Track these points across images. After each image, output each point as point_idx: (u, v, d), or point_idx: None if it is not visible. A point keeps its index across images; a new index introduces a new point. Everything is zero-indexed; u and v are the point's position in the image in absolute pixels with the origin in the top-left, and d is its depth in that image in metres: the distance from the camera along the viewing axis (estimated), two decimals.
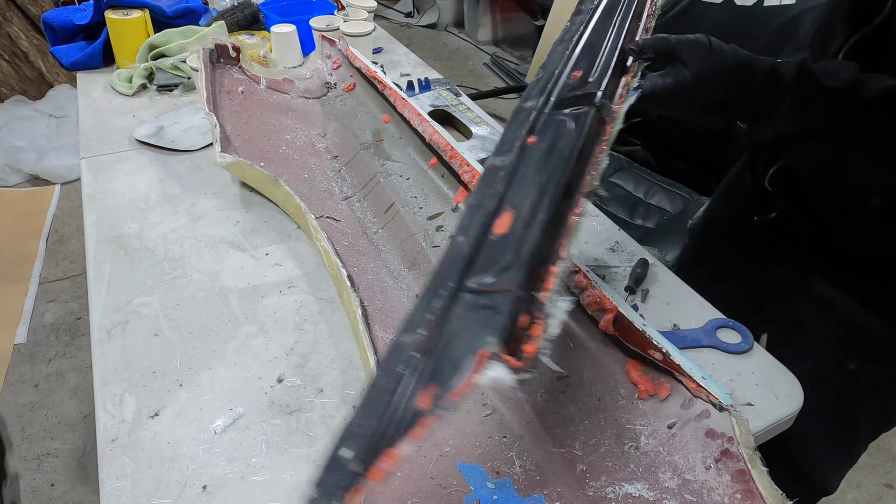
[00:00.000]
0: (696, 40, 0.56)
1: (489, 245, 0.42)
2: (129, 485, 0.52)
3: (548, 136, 0.49)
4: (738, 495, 0.46)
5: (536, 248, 0.40)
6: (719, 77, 0.55)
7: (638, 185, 1.43)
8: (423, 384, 0.35)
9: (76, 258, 1.99)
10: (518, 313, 0.36)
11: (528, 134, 0.50)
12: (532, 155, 0.48)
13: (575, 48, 0.57)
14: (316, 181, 0.88)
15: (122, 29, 1.21)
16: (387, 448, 0.33)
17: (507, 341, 0.35)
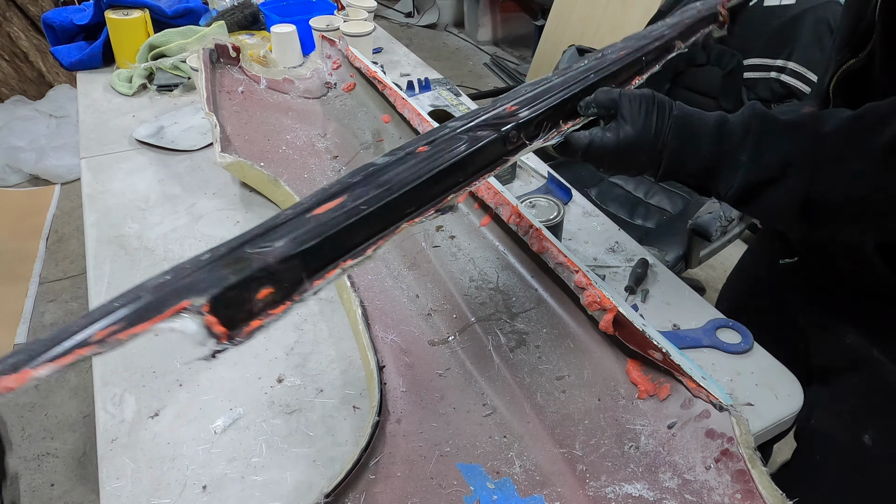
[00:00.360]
0: (639, 97, 0.54)
1: (299, 220, 0.40)
2: (129, 485, 0.52)
3: (438, 149, 0.48)
4: (738, 495, 0.46)
5: (336, 236, 0.39)
6: (655, 140, 0.53)
7: (638, 185, 1.43)
8: (120, 318, 0.32)
9: (76, 258, 1.99)
10: (255, 283, 0.35)
11: (423, 143, 0.49)
12: (409, 160, 0.47)
13: (532, 90, 0.56)
14: (316, 181, 0.88)
15: (122, 29, 1.21)
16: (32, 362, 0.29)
17: (225, 304, 0.33)
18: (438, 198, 0.47)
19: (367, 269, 0.74)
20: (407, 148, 0.48)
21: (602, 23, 2.55)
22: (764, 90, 1.25)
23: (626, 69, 0.62)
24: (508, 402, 0.57)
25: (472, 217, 0.71)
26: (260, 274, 0.35)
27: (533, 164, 0.98)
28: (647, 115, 0.53)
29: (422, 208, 0.46)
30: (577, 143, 0.54)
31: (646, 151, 0.53)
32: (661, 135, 0.53)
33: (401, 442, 0.54)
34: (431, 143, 0.49)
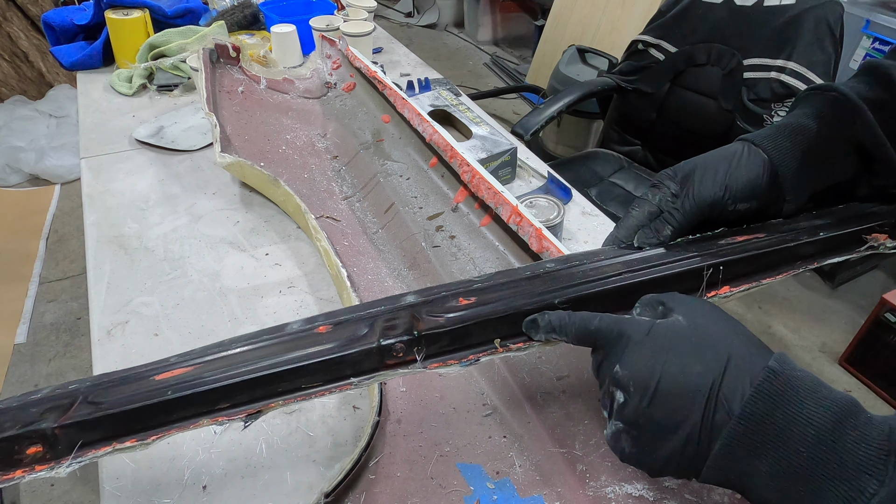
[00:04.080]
0: (620, 334, 0.37)
1: (139, 383, 0.42)
2: (129, 485, 0.52)
3: (335, 335, 0.43)
4: (738, 495, 0.46)
5: (133, 414, 0.40)
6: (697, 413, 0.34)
7: (638, 186, 1.44)
8: None
9: (76, 258, 1.99)
10: (27, 441, 0.39)
11: (327, 322, 0.44)
12: (298, 342, 0.43)
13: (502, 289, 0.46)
14: (316, 181, 0.88)
15: (122, 29, 1.21)
16: None
17: (2, 450, 0.39)
18: (265, 400, 0.42)
19: (367, 269, 0.74)
20: (312, 321, 0.44)
21: (602, 23, 2.55)
22: (764, 90, 1.25)
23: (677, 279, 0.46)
24: (508, 402, 0.57)
25: (472, 217, 0.71)
26: (33, 434, 0.38)
27: (533, 164, 0.98)
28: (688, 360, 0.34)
29: (239, 407, 0.41)
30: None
31: (677, 434, 0.34)
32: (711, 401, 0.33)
33: (401, 442, 0.54)
34: (337, 324, 0.44)
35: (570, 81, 2.19)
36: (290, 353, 0.42)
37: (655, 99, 1.46)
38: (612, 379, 0.36)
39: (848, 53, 1.81)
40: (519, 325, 0.44)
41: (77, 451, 0.39)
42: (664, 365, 0.34)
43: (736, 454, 0.33)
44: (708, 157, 0.50)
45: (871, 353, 1.59)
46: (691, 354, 0.35)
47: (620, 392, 0.35)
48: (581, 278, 0.45)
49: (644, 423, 0.35)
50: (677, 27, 1.41)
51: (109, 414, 0.39)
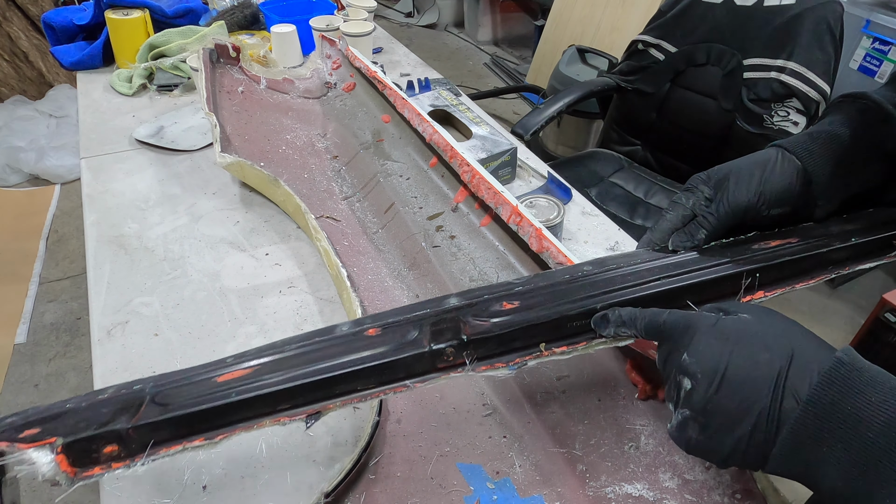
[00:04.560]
0: (687, 326, 0.38)
1: (201, 383, 0.44)
2: (129, 485, 0.52)
3: (385, 339, 0.45)
4: (737, 495, 0.46)
5: (201, 415, 0.42)
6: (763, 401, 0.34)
7: (638, 185, 1.44)
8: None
9: (76, 258, 1.99)
10: (103, 441, 0.41)
11: (375, 325, 0.46)
12: (350, 344, 0.44)
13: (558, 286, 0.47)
14: (316, 181, 0.88)
15: (122, 29, 1.21)
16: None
17: (75, 450, 0.41)
18: (324, 401, 0.43)
19: (367, 268, 0.74)
20: (362, 324, 0.46)
21: (602, 23, 2.55)
22: (764, 90, 1.25)
23: (717, 283, 0.47)
24: (508, 402, 0.57)
25: (472, 217, 0.71)
26: (109, 434, 0.41)
27: (533, 164, 0.98)
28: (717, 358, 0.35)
29: (299, 408, 0.43)
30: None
31: (743, 419, 0.34)
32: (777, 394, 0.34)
33: (401, 442, 0.54)
34: (385, 326, 0.45)
35: (570, 81, 2.19)
36: (344, 356, 0.43)
37: (655, 99, 1.46)
38: (679, 368, 0.37)
39: (848, 53, 1.81)
40: (563, 329, 0.45)
41: (150, 450, 0.41)
42: (731, 354, 0.35)
43: (804, 441, 0.32)
44: (742, 163, 0.50)
45: (871, 353, 1.59)
46: (758, 344, 0.35)
47: (688, 379, 0.36)
48: (620, 283, 0.46)
49: (712, 409, 0.35)
50: (677, 27, 1.41)
51: (177, 416, 0.41)
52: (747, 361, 0.35)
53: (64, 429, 0.41)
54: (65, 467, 0.41)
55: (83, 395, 0.44)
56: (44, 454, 0.40)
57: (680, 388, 0.37)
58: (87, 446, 0.41)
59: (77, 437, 0.40)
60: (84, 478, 0.41)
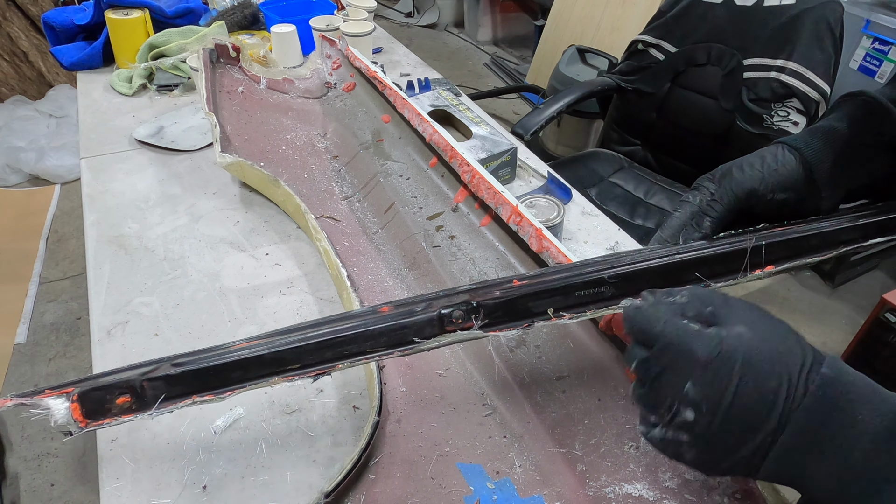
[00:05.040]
0: (687, 349, 0.35)
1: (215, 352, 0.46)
2: (129, 485, 0.52)
3: (399, 311, 0.46)
4: (737, 495, 0.46)
5: (209, 372, 0.44)
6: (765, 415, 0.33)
7: (638, 185, 1.44)
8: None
9: (76, 258, 1.99)
10: (118, 391, 0.44)
11: (388, 305, 0.47)
12: (359, 318, 0.45)
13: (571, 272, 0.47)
14: (316, 181, 0.88)
15: (122, 29, 1.21)
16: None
17: (90, 399, 0.44)
18: (333, 361, 0.45)
19: (367, 269, 0.74)
20: (375, 306, 0.47)
21: (602, 23, 2.55)
22: (764, 90, 1.25)
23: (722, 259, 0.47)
24: (508, 402, 0.57)
25: (472, 217, 0.71)
26: (122, 384, 0.44)
27: (533, 164, 0.98)
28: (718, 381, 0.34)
29: (305, 369, 0.45)
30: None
31: (741, 435, 0.34)
32: (777, 408, 0.33)
33: (401, 442, 0.54)
34: (398, 306, 0.47)
35: (570, 81, 2.19)
36: (355, 326, 0.45)
37: (655, 99, 1.46)
38: (681, 398, 0.35)
39: (848, 53, 1.81)
40: (570, 297, 0.45)
41: (160, 403, 0.44)
42: (739, 385, 0.34)
43: (793, 458, 0.33)
44: (744, 157, 0.52)
45: (871, 353, 1.59)
46: (764, 371, 0.34)
47: (691, 411, 0.34)
48: (628, 261, 0.47)
49: (713, 439, 0.34)
50: (677, 27, 1.41)
51: (191, 370, 0.44)
52: (755, 391, 0.34)
53: (87, 388, 0.44)
54: (77, 416, 0.43)
55: (111, 370, 0.47)
56: (60, 402, 0.43)
57: (678, 415, 0.35)
58: (102, 396, 0.43)
59: (92, 386, 0.43)
60: (94, 427, 0.44)
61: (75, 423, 0.43)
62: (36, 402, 0.43)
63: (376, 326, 0.44)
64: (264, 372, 0.44)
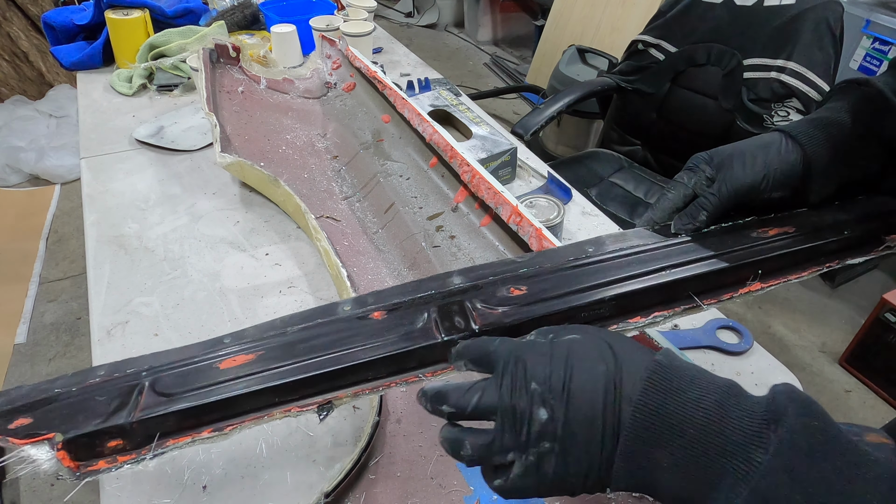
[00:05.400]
0: (519, 357, 0.36)
1: (204, 371, 0.43)
2: (129, 485, 0.52)
3: (394, 321, 0.44)
4: None
5: (210, 407, 0.41)
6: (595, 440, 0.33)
7: (638, 185, 1.44)
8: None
9: (76, 258, 1.99)
10: (107, 436, 0.39)
11: (379, 308, 0.45)
12: (356, 329, 0.43)
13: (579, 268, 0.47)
14: (316, 181, 0.88)
15: (122, 29, 1.21)
16: None
17: (77, 445, 0.39)
18: (334, 391, 0.43)
19: (367, 268, 0.74)
20: (364, 304, 0.45)
21: (602, 23, 2.55)
22: (764, 90, 1.25)
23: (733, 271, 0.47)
24: None
25: (472, 217, 0.71)
26: (112, 429, 0.39)
27: (533, 164, 0.98)
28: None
29: (308, 399, 0.42)
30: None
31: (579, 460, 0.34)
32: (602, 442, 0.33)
33: (401, 442, 0.54)
34: (391, 310, 0.45)
35: (570, 81, 2.19)
36: (354, 345, 0.43)
37: (655, 99, 1.46)
38: (530, 399, 0.34)
39: (848, 53, 1.81)
40: (573, 319, 0.44)
41: (157, 442, 0.40)
42: (573, 370, 0.34)
43: (638, 449, 0.33)
44: (745, 145, 0.50)
45: (871, 353, 1.59)
46: (591, 358, 0.35)
47: (543, 409, 0.34)
48: (627, 269, 0.46)
49: (570, 431, 0.34)
50: (677, 27, 1.41)
51: (183, 409, 0.40)
52: (587, 374, 0.34)
53: (60, 419, 0.39)
54: (67, 463, 0.39)
55: (71, 377, 0.42)
56: (43, 451, 0.39)
57: (533, 421, 0.34)
58: (90, 441, 0.39)
59: (78, 433, 0.39)
60: (89, 472, 0.40)
61: (67, 470, 0.40)
62: (15, 450, 0.38)
63: (379, 356, 0.42)
64: (262, 404, 0.42)
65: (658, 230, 0.51)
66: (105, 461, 0.40)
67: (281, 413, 0.41)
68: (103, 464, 0.40)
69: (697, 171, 0.50)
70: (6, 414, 0.39)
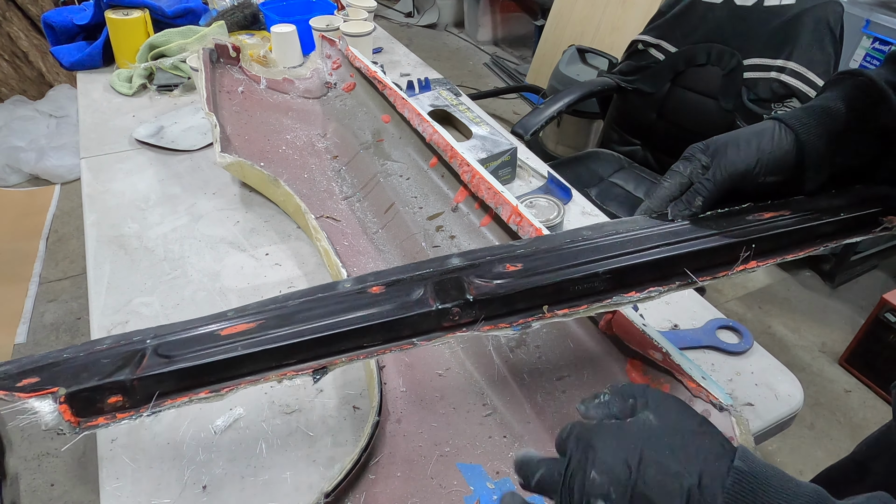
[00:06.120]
0: (588, 444, 0.34)
1: (204, 335, 0.44)
2: (129, 485, 0.52)
3: (391, 294, 0.44)
4: None
5: (207, 368, 0.42)
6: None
7: (638, 185, 1.44)
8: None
9: (76, 258, 1.99)
10: (108, 391, 0.40)
11: (379, 283, 0.45)
12: (354, 301, 0.44)
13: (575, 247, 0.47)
14: (316, 181, 0.88)
15: (122, 29, 1.21)
16: None
17: (79, 400, 0.40)
18: (329, 357, 0.43)
19: (367, 268, 0.74)
20: (364, 280, 0.46)
21: (602, 23, 2.55)
22: (764, 90, 1.25)
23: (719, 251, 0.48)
24: (508, 402, 0.57)
25: (472, 217, 0.71)
26: (113, 385, 0.40)
27: (533, 164, 0.98)
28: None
29: (303, 364, 0.43)
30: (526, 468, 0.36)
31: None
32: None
33: (401, 442, 0.54)
34: (389, 285, 0.45)
35: (570, 81, 2.19)
36: (350, 313, 0.43)
37: (655, 99, 1.46)
38: (589, 488, 0.33)
39: (848, 53, 1.81)
40: (565, 292, 0.44)
41: (155, 401, 0.41)
42: (640, 463, 0.32)
43: None
44: (740, 132, 0.51)
45: (871, 353, 1.59)
46: (666, 453, 0.33)
47: (601, 500, 0.32)
48: (620, 249, 0.47)
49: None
50: (677, 27, 1.41)
51: (182, 368, 0.41)
52: (658, 472, 0.32)
53: (65, 379, 0.41)
54: (68, 417, 0.40)
55: (80, 345, 0.43)
56: (46, 404, 0.40)
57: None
58: (91, 396, 0.40)
59: (80, 388, 0.40)
60: (88, 427, 0.41)
61: (67, 424, 0.41)
62: (20, 402, 0.40)
63: (373, 322, 0.43)
64: (259, 367, 0.43)
65: (655, 218, 0.51)
66: (104, 417, 0.41)
67: (276, 376, 0.42)
68: (102, 420, 0.41)
69: (693, 159, 0.51)
70: (15, 375, 0.41)
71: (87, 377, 0.41)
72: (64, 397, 0.40)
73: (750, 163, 0.49)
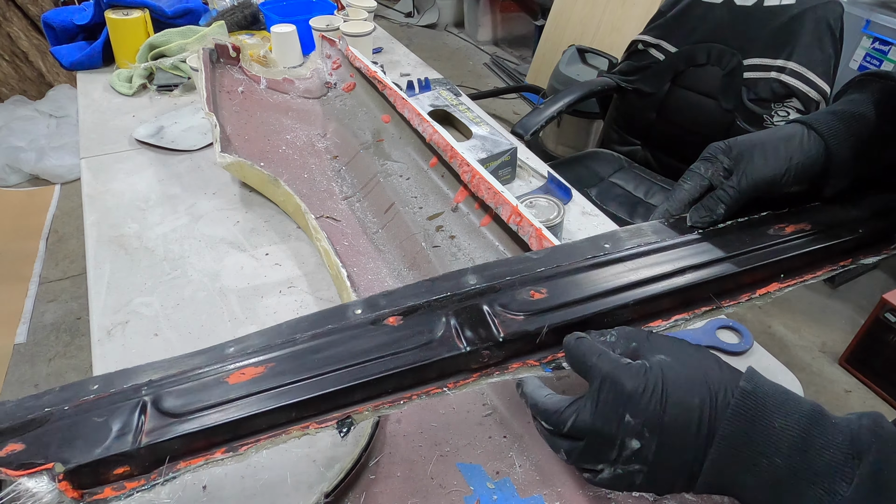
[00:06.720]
0: (617, 380, 0.37)
1: (212, 386, 0.40)
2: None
3: (411, 327, 0.42)
4: None
5: (225, 427, 0.38)
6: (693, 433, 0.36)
7: (638, 185, 1.44)
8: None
9: (76, 258, 1.99)
10: (113, 463, 0.36)
11: (397, 312, 0.43)
12: (371, 337, 0.41)
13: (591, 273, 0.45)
14: (316, 181, 0.88)
15: (122, 29, 1.21)
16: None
17: (79, 475, 0.36)
18: (352, 405, 0.40)
19: (367, 268, 0.74)
20: (377, 307, 0.43)
21: (602, 23, 2.55)
22: (764, 90, 1.25)
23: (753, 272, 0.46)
24: (508, 402, 0.57)
25: (472, 217, 0.71)
26: (119, 458, 0.36)
27: (533, 164, 0.98)
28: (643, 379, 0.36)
29: (327, 413, 0.39)
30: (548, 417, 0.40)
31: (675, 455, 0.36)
32: (702, 426, 0.35)
33: (401, 442, 0.54)
34: (406, 314, 0.42)
35: (570, 81, 2.19)
36: (370, 356, 0.40)
37: (655, 99, 1.46)
38: (625, 430, 0.36)
39: (848, 53, 1.81)
40: (594, 323, 0.44)
41: (167, 466, 0.37)
42: (667, 405, 0.36)
43: (723, 471, 0.35)
44: (766, 136, 0.49)
45: (871, 353, 1.59)
46: (686, 389, 0.36)
47: (636, 440, 0.36)
48: (647, 272, 0.45)
49: (659, 460, 0.36)
50: (677, 27, 1.41)
51: (192, 431, 0.37)
52: (683, 408, 0.36)
53: (56, 445, 0.36)
54: (71, 494, 0.36)
55: (60, 391, 0.39)
56: (43, 483, 0.35)
57: (625, 448, 0.36)
58: (94, 470, 0.36)
59: (80, 463, 0.35)
60: (95, 501, 0.36)
61: (71, 501, 0.36)
62: (11, 482, 0.35)
63: (400, 370, 0.39)
64: (279, 421, 0.39)
65: (673, 224, 0.49)
66: (111, 488, 0.37)
67: (298, 430, 0.39)
68: (110, 491, 0.37)
69: (715, 161, 0.49)
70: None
71: (85, 445, 0.36)
72: (63, 475, 0.35)
73: (778, 172, 0.47)
